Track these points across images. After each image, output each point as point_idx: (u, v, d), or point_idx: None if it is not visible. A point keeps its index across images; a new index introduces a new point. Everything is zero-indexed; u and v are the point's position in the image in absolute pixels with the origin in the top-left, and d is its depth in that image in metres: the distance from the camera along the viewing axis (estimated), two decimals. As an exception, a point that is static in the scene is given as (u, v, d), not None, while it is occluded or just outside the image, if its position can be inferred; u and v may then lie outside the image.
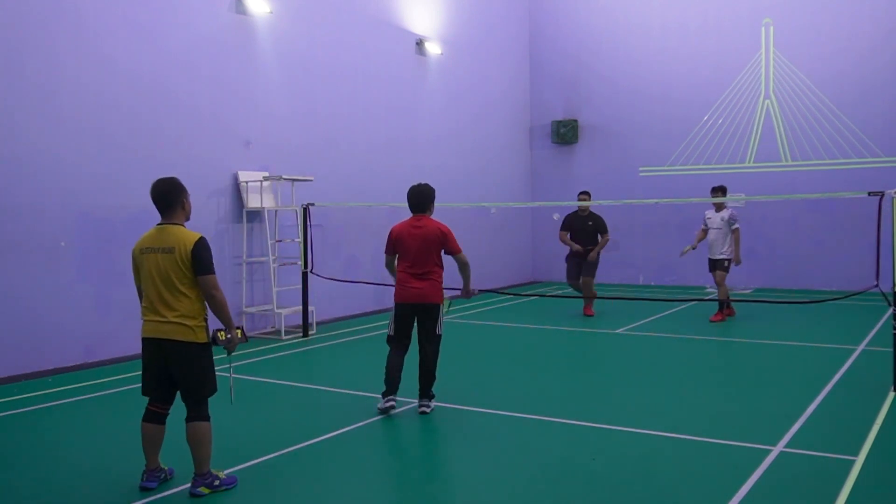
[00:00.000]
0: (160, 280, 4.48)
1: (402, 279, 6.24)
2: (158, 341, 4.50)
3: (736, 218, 10.73)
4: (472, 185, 14.76)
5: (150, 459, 4.64)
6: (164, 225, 4.59)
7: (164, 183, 4.65)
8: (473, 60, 15.06)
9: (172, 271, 4.46)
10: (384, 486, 4.74)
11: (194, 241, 4.50)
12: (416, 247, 6.19)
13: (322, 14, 11.45)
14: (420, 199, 6.30)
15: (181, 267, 4.46)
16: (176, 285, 4.46)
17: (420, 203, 6.31)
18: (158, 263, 4.48)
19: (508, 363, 8.59)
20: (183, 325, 4.47)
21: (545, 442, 5.54)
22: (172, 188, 4.64)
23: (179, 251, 4.46)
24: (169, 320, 4.46)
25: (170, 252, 4.47)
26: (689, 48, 15.41)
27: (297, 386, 7.43)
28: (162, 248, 4.50)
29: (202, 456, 4.51)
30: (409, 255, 6.21)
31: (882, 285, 6.66)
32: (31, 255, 7.79)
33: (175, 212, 4.63)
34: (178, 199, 4.63)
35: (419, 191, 6.33)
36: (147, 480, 4.61)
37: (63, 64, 8.07)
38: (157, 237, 4.55)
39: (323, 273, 10.50)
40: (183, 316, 4.47)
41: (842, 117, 14.09)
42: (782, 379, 7.36)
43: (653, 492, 4.49)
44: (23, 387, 7.36)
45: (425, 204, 6.32)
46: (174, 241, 4.49)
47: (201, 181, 9.49)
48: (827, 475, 4.69)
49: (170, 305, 4.47)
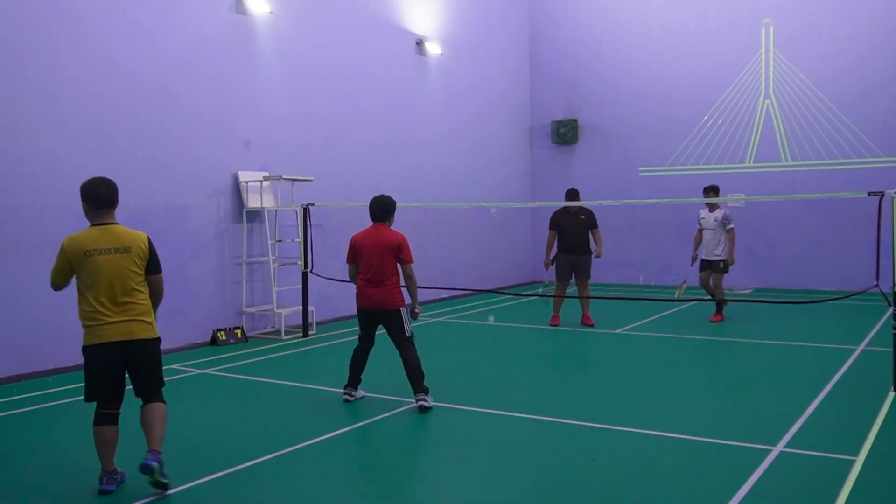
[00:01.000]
0: (117, 280, 4.52)
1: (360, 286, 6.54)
2: (120, 343, 4.53)
3: (730, 218, 10.65)
4: (472, 185, 14.76)
5: (108, 462, 4.62)
6: (108, 225, 4.62)
7: (105, 183, 4.69)
8: (473, 60, 15.06)
9: (131, 270, 4.55)
10: (384, 486, 4.74)
11: (147, 238, 4.67)
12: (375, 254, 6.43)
13: (322, 14, 11.45)
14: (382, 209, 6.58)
15: (138, 265, 4.59)
16: (134, 284, 4.57)
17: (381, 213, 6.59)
18: (114, 263, 4.51)
19: (508, 363, 8.59)
20: (146, 323, 4.61)
21: (545, 442, 5.54)
22: (114, 187, 4.71)
23: (136, 250, 4.58)
24: (134, 319, 4.55)
25: (127, 251, 4.56)
26: (689, 48, 15.41)
27: (297, 386, 7.42)
28: (116, 247, 4.54)
29: (160, 434, 4.62)
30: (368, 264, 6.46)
31: (882, 285, 6.66)
32: (31, 255, 7.78)
33: (113, 211, 4.70)
34: (117, 197, 4.72)
35: (381, 201, 6.61)
36: (107, 483, 4.58)
37: (63, 64, 8.07)
38: (106, 237, 4.57)
39: (323, 273, 10.50)
40: (144, 314, 4.61)
41: (842, 117, 14.09)
42: (782, 379, 7.36)
43: (653, 492, 4.49)
44: (23, 387, 7.37)
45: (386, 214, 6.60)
46: (128, 240, 4.59)
47: (201, 181, 9.49)
48: (827, 475, 4.69)
49: (130, 305, 4.55)
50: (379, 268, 6.40)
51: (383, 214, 6.59)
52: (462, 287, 13.53)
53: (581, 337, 10.03)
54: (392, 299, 6.43)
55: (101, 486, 4.58)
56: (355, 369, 6.64)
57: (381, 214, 6.59)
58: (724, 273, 10.69)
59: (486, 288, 14.09)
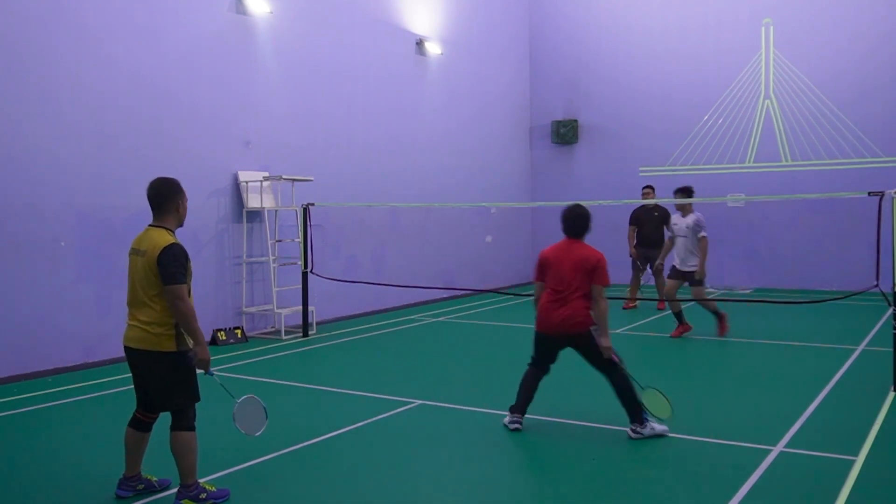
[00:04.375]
0: (137, 283, 4.30)
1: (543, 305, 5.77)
2: (129, 350, 4.36)
3: (703, 225, 9.48)
4: (472, 185, 14.76)
5: (129, 467, 4.47)
6: (150, 227, 4.40)
7: (159, 182, 4.43)
8: (473, 60, 15.06)
9: (144, 276, 4.26)
10: (384, 486, 4.73)
11: (162, 247, 4.22)
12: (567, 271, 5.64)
13: (322, 14, 11.45)
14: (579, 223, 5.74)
15: (151, 273, 4.24)
16: (147, 291, 4.26)
17: (577, 228, 5.75)
18: (136, 266, 4.32)
19: (508, 363, 8.58)
20: (147, 333, 4.25)
21: (544, 441, 5.54)
22: (166, 189, 4.40)
23: (149, 256, 4.24)
24: (138, 326, 4.28)
25: (143, 256, 4.28)
26: (689, 48, 15.41)
27: (297, 386, 7.42)
28: (139, 250, 4.32)
29: (183, 467, 4.29)
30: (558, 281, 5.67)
31: (882, 285, 6.66)
32: (31, 255, 7.78)
33: (165, 214, 4.39)
34: (172, 200, 4.39)
35: (579, 213, 5.76)
36: (121, 489, 4.46)
37: (63, 64, 8.07)
38: (141, 238, 4.38)
39: (323, 273, 10.50)
40: (148, 323, 4.25)
41: (842, 117, 14.09)
42: (782, 379, 7.35)
43: (653, 492, 4.49)
44: (23, 387, 7.36)
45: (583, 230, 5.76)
46: (148, 245, 4.29)
47: (201, 181, 9.49)
48: (827, 475, 4.69)
49: (139, 310, 4.29)
50: (567, 288, 5.58)
51: (577, 228, 5.72)
52: (462, 287, 13.52)
53: (581, 337, 10.01)
54: (579, 322, 5.58)
55: (116, 489, 4.48)
56: (526, 395, 5.83)
57: (574, 228, 5.73)
58: (701, 285, 9.58)
59: (487, 288, 14.08)
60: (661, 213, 11.89)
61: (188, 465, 4.30)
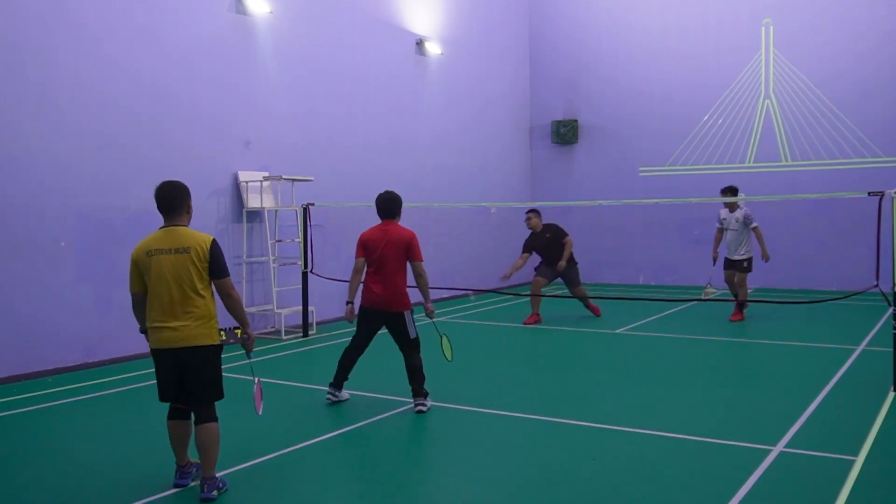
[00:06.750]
0: (174, 281, 4.35)
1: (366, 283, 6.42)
2: (174, 350, 4.40)
3: (752, 217, 10.68)
4: (472, 185, 14.76)
5: (180, 456, 4.61)
6: (171, 227, 4.49)
7: (171, 185, 4.58)
8: (473, 60, 15.06)
9: (189, 272, 4.37)
10: (384, 486, 4.73)
11: (210, 241, 4.46)
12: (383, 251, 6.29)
13: (322, 14, 11.45)
14: (389, 205, 6.46)
15: (199, 267, 4.39)
16: (194, 286, 4.38)
17: (388, 210, 6.46)
18: (173, 264, 4.36)
19: (508, 363, 8.59)
20: (201, 329, 4.42)
21: (545, 442, 5.54)
22: (181, 191, 4.57)
23: (196, 251, 4.39)
24: (186, 325, 4.37)
25: (185, 252, 4.37)
26: (689, 48, 15.41)
27: (297, 386, 7.43)
28: (176, 248, 4.38)
29: (213, 458, 4.47)
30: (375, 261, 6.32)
31: (882, 285, 6.66)
32: (31, 255, 7.78)
33: (181, 214, 4.54)
34: (185, 201, 4.56)
35: (388, 198, 6.49)
36: (180, 478, 4.60)
37: (63, 64, 8.07)
38: (167, 238, 4.43)
39: (323, 273, 10.50)
40: (200, 318, 4.41)
41: (842, 117, 14.09)
42: (782, 379, 7.36)
43: (653, 492, 4.49)
44: (23, 387, 7.36)
45: (393, 211, 6.47)
46: (189, 241, 4.41)
47: (201, 181, 9.49)
48: (827, 475, 4.69)
49: (185, 308, 4.37)
50: (386, 265, 6.25)
51: (391, 211, 6.44)
52: (462, 287, 13.52)
53: (581, 337, 10.03)
54: (398, 301, 6.28)
55: (175, 479, 4.60)
56: (343, 369, 6.51)
57: (388, 211, 6.44)
58: (748, 272, 10.72)
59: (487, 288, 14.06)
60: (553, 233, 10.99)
61: (216, 457, 4.50)
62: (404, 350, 6.38)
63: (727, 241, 10.83)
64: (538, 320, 10.92)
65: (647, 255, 15.73)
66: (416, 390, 6.30)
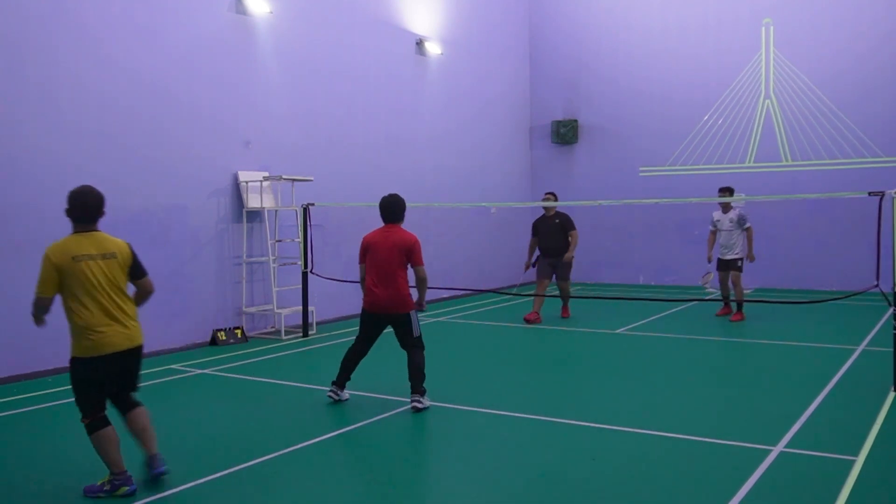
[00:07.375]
0: (109, 287, 4.54)
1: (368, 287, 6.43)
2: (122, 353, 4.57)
3: (746, 217, 10.77)
4: (472, 185, 14.76)
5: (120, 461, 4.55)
6: (90, 231, 4.64)
7: (96, 192, 4.74)
8: (473, 60, 15.06)
9: (120, 276, 4.59)
10: (383, 486, 4.73)
11: (129, 245, 4.70)
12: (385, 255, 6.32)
13: (322, 14, 11.45)
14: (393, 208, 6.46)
15: (124, 272, 4.62)
16: (124, 289, 4.62)
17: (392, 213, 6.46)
18: (105, 270, 4.53)
19: (508, 363, 8.59)
20: (138, 328, 4.68)
21: (545, 442, 5.54)
22: (102, 198, 4.75)
23: (121, 256, 4.60)
24: (134, 325, 4.64)
25: (113, 258, 4.58)
26: (689, 48, 15.42)
27: (297, 386, 7.42)
28: (103, 254, 4.56)
29: (153, 435, 4.65)
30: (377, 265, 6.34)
31: (882, 285, 6.66)
32: (31, 256, 7.73)
33: (98, 220, 4.73)
34: (103, 208, 4.77)
35: (392, 201, 6.48)
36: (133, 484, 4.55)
37: (63, 64, 8.07)
38: (91, 244, 4.56)
39: (323, 273, 10.50)
40: (135, 318, 4.68)
41: (842, 117, 14.09)
42: (782, 379, 7.36)
43: (653, 492, 4.49)
44: (23, 387, 7.37)
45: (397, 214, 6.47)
46: (113, 247, 4.62)
47: (201, 181, 9.49)
48: (827, 475, 4.69)
49: (124, 311, 4.59)
50: (388, 269, 6.27)
51: (394, 214, 6.44)
52: (462, 287, 13.52)
53: (581, 337, 10.04)
54: (402, 304, 6.31)
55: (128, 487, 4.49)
56: (345, 370, 6.54)
57: (392, 215, 6.44)
58: (741, 271, 10.80)
59: (486, 288, 14.08)
60: (562, 221, 11.18)
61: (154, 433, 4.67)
62: (407, 347, 6.41)
63: (720, 242, 10.93)
64: (538, 319, 10.93)
65: (647, 255, 15.73)
66: (415, 387, 6.32)
